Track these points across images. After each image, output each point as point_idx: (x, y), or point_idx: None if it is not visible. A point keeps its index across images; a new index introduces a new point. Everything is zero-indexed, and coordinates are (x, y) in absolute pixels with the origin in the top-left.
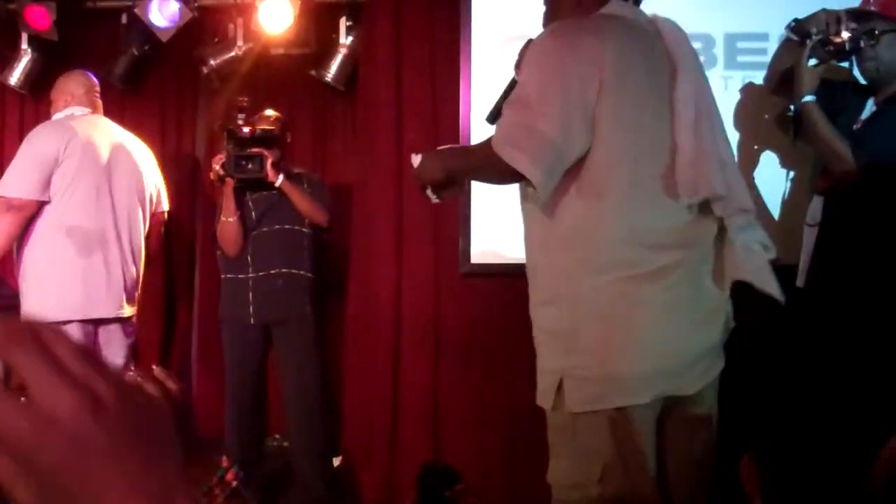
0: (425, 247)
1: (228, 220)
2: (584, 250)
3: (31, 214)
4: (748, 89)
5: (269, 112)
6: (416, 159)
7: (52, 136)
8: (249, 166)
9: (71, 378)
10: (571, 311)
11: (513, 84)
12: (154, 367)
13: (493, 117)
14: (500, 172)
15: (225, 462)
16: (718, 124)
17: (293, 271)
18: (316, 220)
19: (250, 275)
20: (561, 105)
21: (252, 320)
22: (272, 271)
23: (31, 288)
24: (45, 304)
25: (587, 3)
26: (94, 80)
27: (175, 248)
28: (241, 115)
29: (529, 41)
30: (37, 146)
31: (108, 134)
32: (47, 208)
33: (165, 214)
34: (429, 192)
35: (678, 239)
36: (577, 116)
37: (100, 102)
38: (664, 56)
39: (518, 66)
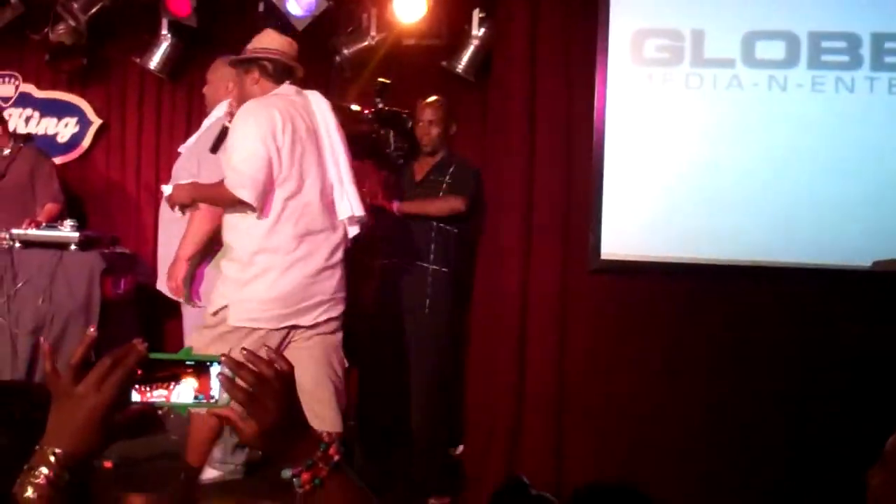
0: (554, 241)
1: None
2: (255, 234)
3: None
4: None
5: (432, 98)
6: (167, 188)
7: None
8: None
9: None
10: (244, 268)
11: (225, 131)
12: (264, 347)
13: (215, 149)
14: (232, 202)
15: (326, 437)
16: (349, 165)
17: (416, 263)
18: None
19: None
20: (262, 159)
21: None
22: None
23: None
24: None
25: (262, 86)
26: None
27: None
28: (378, 98)
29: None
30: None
31: None
32: None
33: None
34: (177, 209)
35: (316, 235)
36: (269, 161)
37: None
38: (314, 119)
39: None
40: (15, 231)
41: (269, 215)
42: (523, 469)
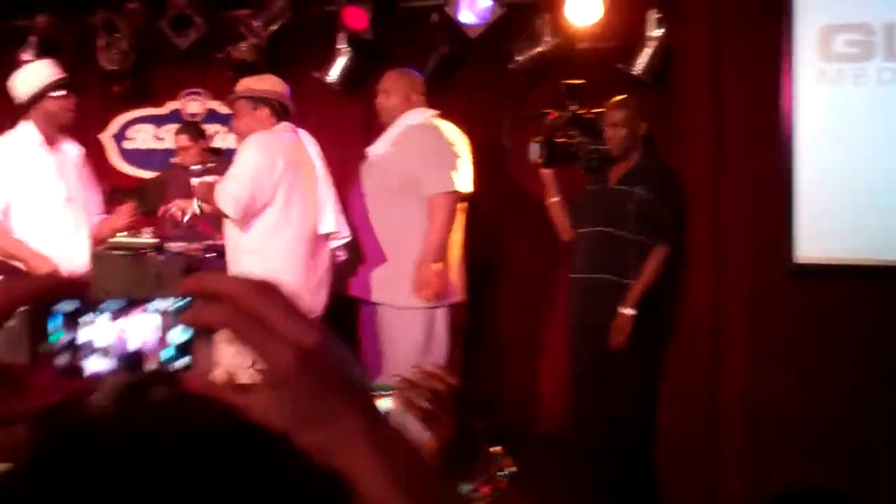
0: (745, 245)
1: (550, 201)
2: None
3: None
4: None
5: (616, 98)
6: (195, 181)
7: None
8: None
9: (281, 336)
10: (262, 253)
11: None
12: (433, 364)
13: None
14: (219, 211)
15: (499, 449)
16: (330, 188)
17: (611, 277)
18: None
19: (578, 275)
20: (250, 181)
21: (572, 321)
22: (589, 275)
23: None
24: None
25: (266, 123)
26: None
27: (480, 241)
28: (569, 101)
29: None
30: (450, 142)
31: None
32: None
33: None
34: (196, 203)
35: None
36: (260, 187)
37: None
38: (305, 153)
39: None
40: (207, 242)
41: (270, 230)
42: (719, 479)
